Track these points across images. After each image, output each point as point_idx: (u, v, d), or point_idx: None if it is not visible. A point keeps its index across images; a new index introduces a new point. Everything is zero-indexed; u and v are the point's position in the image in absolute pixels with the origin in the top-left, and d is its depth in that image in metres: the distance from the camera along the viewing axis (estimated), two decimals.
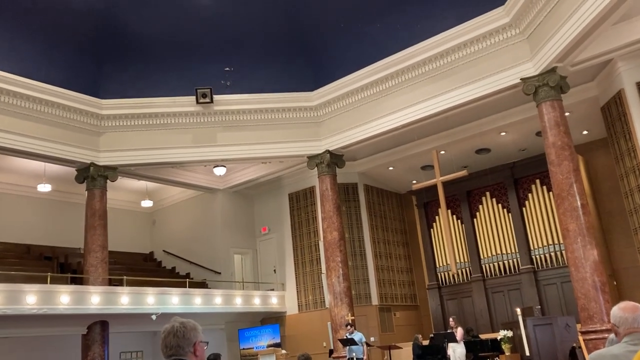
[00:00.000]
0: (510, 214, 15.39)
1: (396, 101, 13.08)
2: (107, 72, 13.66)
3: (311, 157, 14.59)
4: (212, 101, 13.67)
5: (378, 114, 13.40)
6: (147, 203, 17.88)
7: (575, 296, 10.23)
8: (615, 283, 13.81)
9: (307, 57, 14.17)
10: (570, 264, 10.30)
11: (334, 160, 14.46)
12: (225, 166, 15.37)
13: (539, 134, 12.75)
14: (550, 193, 13.90)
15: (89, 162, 13.50)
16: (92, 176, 13.53)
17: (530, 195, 15.04)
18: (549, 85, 10.63)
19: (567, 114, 11.07)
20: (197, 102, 13.66)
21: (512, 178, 15.42)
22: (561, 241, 13.17)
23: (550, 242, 14.41)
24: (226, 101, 14.02)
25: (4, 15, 11.75)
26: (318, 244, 15.79)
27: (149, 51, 13.65)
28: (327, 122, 14.45)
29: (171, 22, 13.35)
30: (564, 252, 11.86)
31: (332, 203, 14.24)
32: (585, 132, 14.44)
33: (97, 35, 13.13)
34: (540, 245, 14.64)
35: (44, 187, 14.76)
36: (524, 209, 15.19)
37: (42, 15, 12.16)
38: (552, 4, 9.91)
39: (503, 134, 14.33)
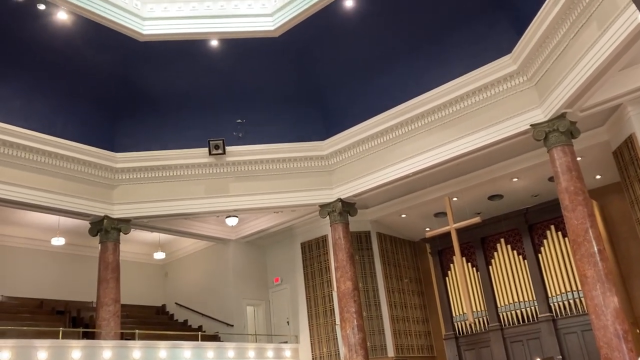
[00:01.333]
0: (526, 261, 15.15)
1: (407, 149, 13.16)
2: (122, 126, 13.95)
3: (323, 206, 14.60)
4: (224, 152, 13.86)
5: (389, 162, 13.46)
6: (159, 255, 17.86)
7: (597, 346, 9.93)
8: (638, 331, 13.40)
9: (318, 107, 14.40)
10: (590, 312, 10.05)
11: (346, 208, 14.44)
12: (237, 216, 15.40)
13: (551, 179, 12.71)
14: (566, 239, 13.72)
15: (102, 214, 13.61)
16: (106, 229, 13.61)
17: (545, 241, 14.84)
18: (559, 130, 10.67)
19: (578, 158, 11.06)
20: (210, 154, 13.86)
21: (526, 224, 15.26)
22: (580, 288, 12.92)
23: (569, 289, 14.08)
24: (238, 152, 14.19)
25: (22, 72, 12.12)
26: (332, 295, 15.58)
27: (164, 105, 13.97)
28: (339, 170, 14.53)
29: (185, 76, 13.69)
30: (583, 299, 11.60)
31: (345, 252, 14.13)
32: (598, 177, 14.37)
33: (113, 91, 13.49)
34: (558, 292, 14.31)
35: (58, 241, 14.83)
36: (539, 255, 14.96)
37: (59, 72, 12.53)
38: (557, 52, 10.07)
39: (515, 179, 14.30)
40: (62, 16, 11.63)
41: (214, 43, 13.08)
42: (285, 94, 14.17)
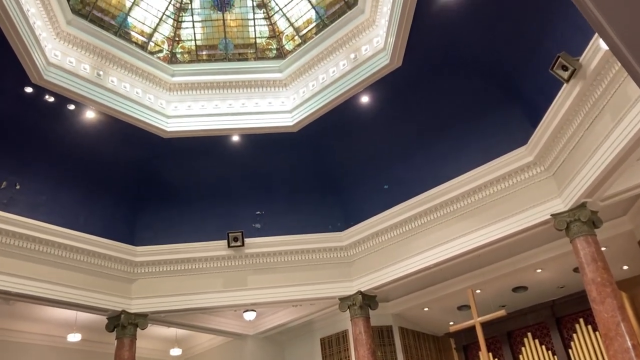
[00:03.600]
0: (555, 356, 14.46)
1: (426, 240, 13.04)
2: (142, 219, 14.15)
3: (343, 299, 14.30)
4: (243, 244, 13.88)
5: (409, 253, 13.31)
6: (176, 351, 17.42)
7: None
8: None
9: (336, 198, 14.51)
10: None
11: (366, 301, 14.12)
12: (255, 310, 15.12)
13: (576, 270, 12.39)
14: (597, 333, 13.15)
15: (120, 309, 13.46)
16: (123, 324, 13.41)
17: (575, 335, 14.22)
18: (580, 220, 10.53)
19: (603, 249, 10.82)
20: (229, 246, 13.87)
21: (554, 317, 14.72)
22: None
23: None
24: (257, 244, 14.19)
25: (49, 167, 12.53)
26: None
27: (184, 198, 14.22)
28: (358, 262, 14.37)
29: (206, 169, 14.04)
30: None
31: (366, 348, 13.64)
32: (625, 267, 13.98)
33: (135, 185, 13.83)
34: None
35: (74, 337, 14.60)
36: (570, 350, 14.29)
37: (84, 167, 12.95)
38: (573, 143, 10.17)
39: (539, 271, 13.97)
40: (89, 115, 12.20)
41: (235, 138, 13.51)
42: (304, 185, 14.37)
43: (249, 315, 15.18)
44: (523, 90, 11.19)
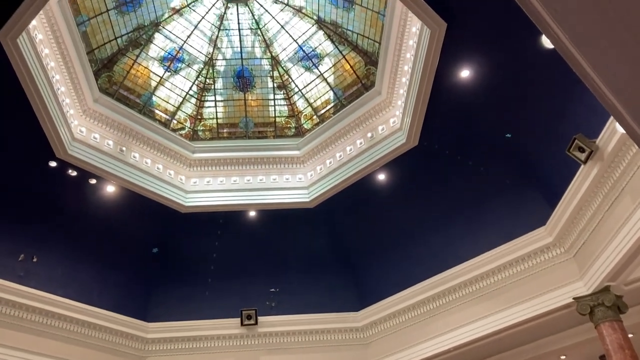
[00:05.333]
0: None
1: (445, 322, 12.65)
2: (156, 295, 14.01)
3: None
4: (256, 323, 13.59)
5: (426, 336, 12.88)
6: None
7: None
8: None
9: (353, 276, 14.29)
10: None
11: None
12: None
13: (602, 357, 11.83)
14: None
15: None
16: None
17: None
18: (604, 305, 10.17)
19: (630, 335, 10.38)
20: (242, 324, 13.60)
21: None
22: None
23: None
24: (271, 322, 13.88)
25: (67, 240, 12.61)
26: None
27: (198, 273, 14.12)
28: (375, 343, 13.91)
29: (221, 244, 14.03)
30: None
31: None
32: None
33: (150, 259, 13.81)
34: None
35: None
36: None
37: (101, 241, 13.02)
38: (593, 224, 10.01)
39: (563, 357, 13.35)
40: (110, 189, 12.42)
41: (252, 213, 13.57)
42: (320, 262, 14.22)
43: None
44: (540, 170, 11.20)
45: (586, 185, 9.72)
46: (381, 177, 12.68)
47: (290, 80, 14.78)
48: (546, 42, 8.87)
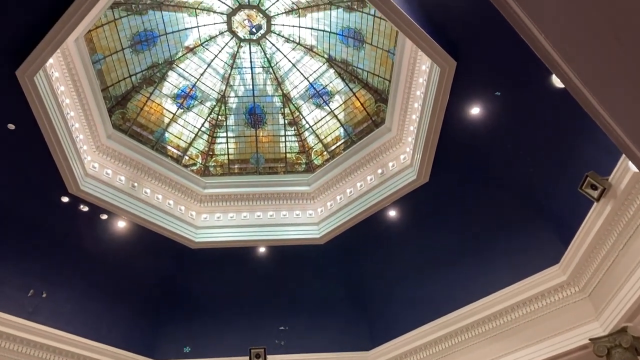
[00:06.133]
0: None
1: None
2: (164, 331, 13.86)
3: None
4: None
5: None
6: None
7: None
8: None
9: (363, 314, 14.08)
10: None
11: None
12: None
13: None
14: None
15: None
16: None
17: None
18: (622, 346, 9.89)
19: None
20: None
21: None
22: None
23: None
24: None
25: (77, 276, 12.58)
26: None
27: (207, 309, 13.99)
28: None
29: (230, 281, 13.93)
30: None
31: None
32: None
33: (159, 295, 13.73)
34: None
35: None
36: None
37: (110, 277, 12.98)
38: (608, 263, 9.84)
39: None
40: (121, 224, 12.45)
41: (262, 249, 13.51)
42: (330, 300, 14.05)
43: None
44: (552, 208, 11.09)
45: (600, 223, 9.59)
46: (392, 213, 12.63)
47: (301, 117, 14.93)
48: (556, 81, 8.91)
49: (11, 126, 10.21)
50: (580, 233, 10.20)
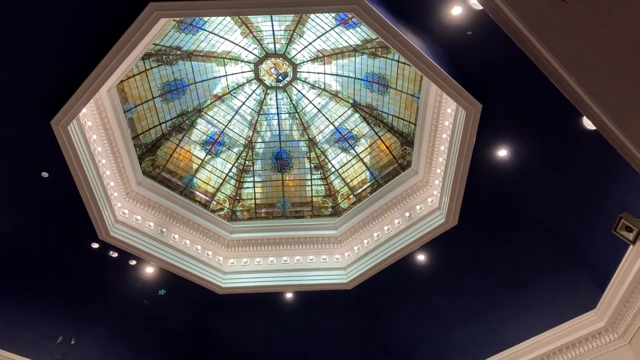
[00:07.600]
0: None
1: None
2: None
3: None
4: None
5: None
6: None
7: None
8: None
9: None
10: None
11: None
12: None
13: None
14: None
15: None
16: None
17: None
18: None
19: None
20: None
21: None
22: None
23: None
24: None
25: (104, 322, 12.60)
26: None
27: (233, 356, 13.82)
28: None
29: (256, 326, 13.79)
30: None
31: None
32: None
33: (186, 342, 13.62)
34: None
35: None
36: None
37: (136, 323, 12.98)
38: None
39: None
40: (149, 270, 12.51)
41: (289, 295, 13.39)
42: (358, 346, 13.76)
43: None
44: (586, 250, 10.78)
45: (637, 266, 9.28)
46: (420, 257, 12.43)
47: (327, 161, 15.01)
48: (587, 123, 8.80)
49: (45, 174, 10.48)
50: (616, 277, 9.87)
